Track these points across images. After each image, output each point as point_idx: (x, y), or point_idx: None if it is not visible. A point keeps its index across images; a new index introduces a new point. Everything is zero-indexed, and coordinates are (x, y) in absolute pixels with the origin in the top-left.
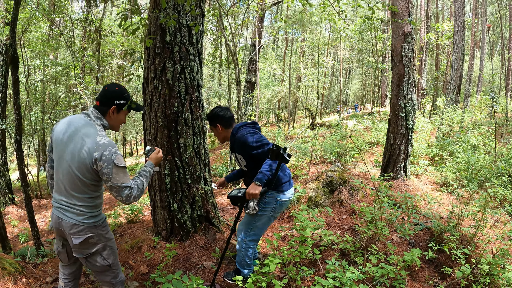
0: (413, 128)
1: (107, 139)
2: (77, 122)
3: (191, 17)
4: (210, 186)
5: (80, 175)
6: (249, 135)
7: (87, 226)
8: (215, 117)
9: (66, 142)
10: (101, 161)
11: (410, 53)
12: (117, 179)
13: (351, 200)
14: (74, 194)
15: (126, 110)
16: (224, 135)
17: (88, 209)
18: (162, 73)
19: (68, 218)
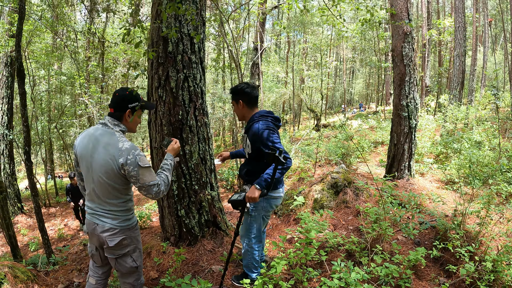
0: (416, 127)
1: (128, 144)
2: (97, 134)
3: (192, 26)
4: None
5: (111, 182)
6: (269, 132)
7: (121, 228)
8: (239, 92)
9: (91, 155)
10: (127, 165)
11: (411, 53)
12: (144, 179)
13: (356, 201)
14: (108, 200)
15: (140, 110)
16: (244, 113)
17: (122, 213)
18: (165, 82)
19: (103, 223)
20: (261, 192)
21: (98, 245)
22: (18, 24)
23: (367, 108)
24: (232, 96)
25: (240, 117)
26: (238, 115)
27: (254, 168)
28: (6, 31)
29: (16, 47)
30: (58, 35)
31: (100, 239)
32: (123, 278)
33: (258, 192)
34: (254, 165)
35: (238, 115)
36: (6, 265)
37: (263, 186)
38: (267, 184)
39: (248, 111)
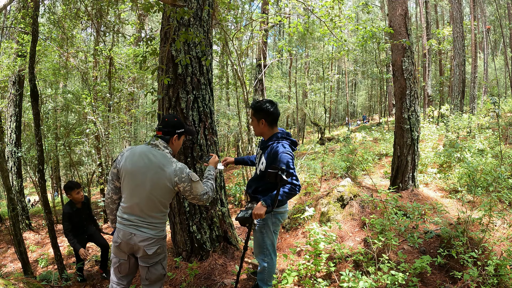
0: (418, 138)
1: (180, 164)
2: (149, 154)
3: (200, 48)
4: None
5: (162, 198)
6: (289, 158)
7: (158, 238)
8: (262, 111)
9: (144, 172)
10: (181, 183)
11: (410, 67)
12: (197, 191)
13: (362, 213)
14: (152, 214)
15: (183, 136)
16: (264, 132)
17: (160, 225)
18: (176, 103)
19: (142, 233)
20: (267, 209)
21: (130, 254)
22: (31, 46)
23: (370, 120)
24: (253, 112)
25: (258, 133)
26: (256, 131)
27: (263, 186)
28: (15, 51)
29: (30, 69)
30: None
31: (136, 247)
32: (150, 286)
33: (264, 209)
34: (263, 183)
35: (256, 131)
36: (21, 280)
37: (269, 203)
38: (273, 202)
39: (268, 130)
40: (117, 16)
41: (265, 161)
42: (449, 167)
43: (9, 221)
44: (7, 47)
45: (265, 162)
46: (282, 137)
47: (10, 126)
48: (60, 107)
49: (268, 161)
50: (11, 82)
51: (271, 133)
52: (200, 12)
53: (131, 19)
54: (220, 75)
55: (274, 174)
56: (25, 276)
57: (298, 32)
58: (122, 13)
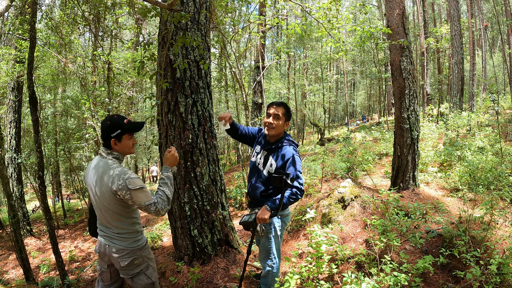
0: (418, 138)
1: (118, 170)
2: (97, 164)
3: (198, 52)
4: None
5: (113, 208)
6: (299, 161)
7: (132, 249)
8: (290, 113)
9: (94, 184)
10: (119, 190)
11: (409, 66)
12: (139, 201)
13: (363, 214)
14: (116, 224)
15: (127, 134)
16: (280, 132)
17: (130, 235)
18: (175, 107)
19: (114, 244)
20: (271, 213)
21: (109, 264)
22: (29, 53)
23: (370, 119)
24: (284, 112)
25: (275, 132)
26: (275, 132)
27: (273, 188)
28: (14, 57)
29: (28, 76)
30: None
31: (111, 258)
32: None
33: (268, 213)
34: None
35: (275, 132)
36: (23, 287)
37: (273, 207)
38: (277, 206)
39: (283, 132)
40: (115, 21)
41: (275, 163)
42: (450, 165)
43: (10, 228)
44: (5, 53)
45: (275, 164)
46: (291, 140)
47: (10, 132)
48: (59, 113)
49: (279, 163)
50: (10, 88)
51: (281, 135)
52: (198, 16)
53: (129, 24)
54: (219, 78)
55: (279, 178)
56: (27, 283)
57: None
58: (120, 18)
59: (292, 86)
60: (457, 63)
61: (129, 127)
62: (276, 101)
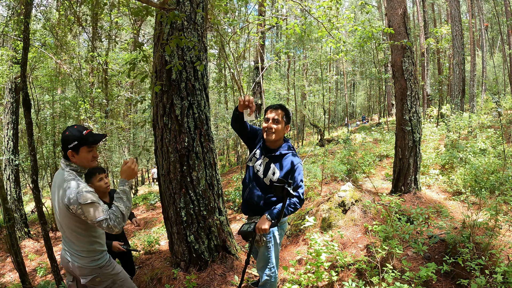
0: (420, 140)
1: (72, 183)
2: (55, 176)
3: (194, 53)
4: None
5: (69, 223)
6: (302, 172)
7: (92, 268)
8: (289, 117)
9: (52, 198)
10: (71, 204)
11: (411, 67)
12: (90, 216)
13: (364, 218)
14: (74, 241)
15: (86, 147)
16: (280, 137)
17: (88, 254)
18: (170, 109)
19: (74, 261)
20: (272, 223)
21: (75, 277)
22: (22, 54)
23: (370, 120)
24: (283, 115)
25: (275, 137)
26: (275, 136)
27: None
28: (11, 58)
29: (21, 77)
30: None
31: (73, 274)
32: None
33: (269, 223)
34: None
35: (275, 136)
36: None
37: (274, 217)
38: (278, 216)
39: (283, 136)
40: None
41: (279, 172)
42: (452, 168)
43: (6, 231)
44: (3, 54)
45: (278, 173)
46: (292, 147)
47: (7, 134)
48: (57, 114)
49: (282, 173)
50: (7, 89)
51: (282, 140)
52: (194, 16)
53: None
54: (218, 79)
55: (280, 188)
56: (23, 287)
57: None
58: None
59: (292, 87)
60: (458, 64)
61: (87, 139)
62: (274, 104)
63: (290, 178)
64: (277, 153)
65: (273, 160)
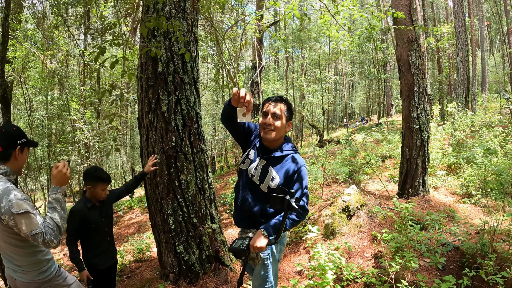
0: (429, 139)
1: (4, 188)
2: None
3: (183, 43)
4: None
5: (3, 236)
6: (306, 176)
7: (40, 282)
8: (292, 112)
9: None
10: (2, 214)
11: (418, 61)
12: (25, 229)
13: (370, 224)
14: (14, 256)
15: (27, 148)
16: (281, 136)
17: (33, 267)
18: (156, 106)
19: (19, 278)
20: (269, 241)
21: None
22: (1, 48)
23: (369, 121)
24: (285, 109)
25: (275, 136)
26: (275, 135)
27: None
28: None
29: (0, 73)
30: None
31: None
32: None
33: (266, 241)
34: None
35: (275, 135)
36: None
37: (272, 232)
38: (276, 231)
39: (284, 135)
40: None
41: (279, 177)
42: (458, 168)
43: None
44: None
45: (279, 179)
46: (294, 146)
47: None
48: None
49: (284, 177)
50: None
51: (282, 139)
52: (184, 3)
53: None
54: (214, 79)
55: (280, 199)
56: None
57: (294, 33)
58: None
59: (291, 87)
60: (462, 61)
61: (32, 140)
62: (274, 96)
63: (293, 184)
64: (277, 154)
65: (272, 163)
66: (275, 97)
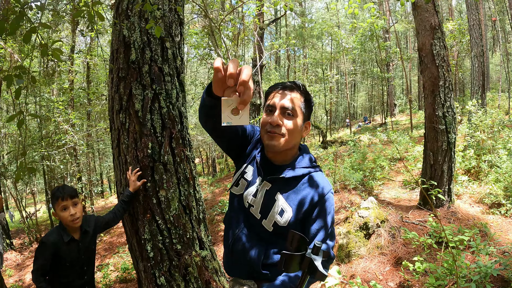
0: (455, 142)
1: None
2: None
3: (164, 26)
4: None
5: None
6: (333, 209)
7: None
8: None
9: None
10: None
11: (442, 51)
12: None
13: (393, 244)
14: None
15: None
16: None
17: None
18: (128, 103)
19: None
20: None
21: None
22: None
23: (372, 121)
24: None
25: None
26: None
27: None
28: None
29: None
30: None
31: None
32: None
33: None
34: (280, 247)
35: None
36: None
37: None
38: None
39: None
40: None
41: (292, 210)
42: (478, 172)
43: None
44: None
45: (291, 213)
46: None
47: None
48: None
49: (299, 210)
50: None
51: (296, 149)
52: None
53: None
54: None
55: (297, 258)
56: None
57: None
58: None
59: None
60: (477, 56)
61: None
62: (284, 82)
63: (313, 221)
64: (288, 174)
65: (281, 187)
66: (287, 83)
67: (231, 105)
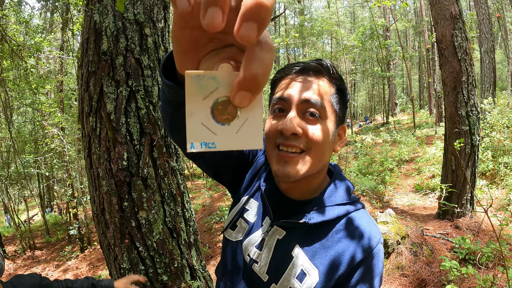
0: (479, 145)
1: None
2: None
3: (142, 9)
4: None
5: None
6: (381, 270)
7: None
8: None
9: None
10: None
11: (464, 43)
12: None
13: (415, 264)
14: None
15: None
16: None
17: None
18: (99, 103)
19: None
20: None
21: None
22: None
23: (373, 121)
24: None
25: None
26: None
27: None
28: None
29: None
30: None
31: None
32: None
33: None
34: None
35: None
36: None
37: None
38: None
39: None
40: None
41: (319, 273)
42: (494, 175)
43: None
44: None
45: (316, 275)
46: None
47: None
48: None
49: (330, 273)
50: None
51: (325, 174)
52: None
53: None
54: None
55: None
56: None
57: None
58: None
59: None
60: (487, 52)
61: None
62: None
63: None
64: (314, 219)
65: (301, 237)
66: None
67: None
